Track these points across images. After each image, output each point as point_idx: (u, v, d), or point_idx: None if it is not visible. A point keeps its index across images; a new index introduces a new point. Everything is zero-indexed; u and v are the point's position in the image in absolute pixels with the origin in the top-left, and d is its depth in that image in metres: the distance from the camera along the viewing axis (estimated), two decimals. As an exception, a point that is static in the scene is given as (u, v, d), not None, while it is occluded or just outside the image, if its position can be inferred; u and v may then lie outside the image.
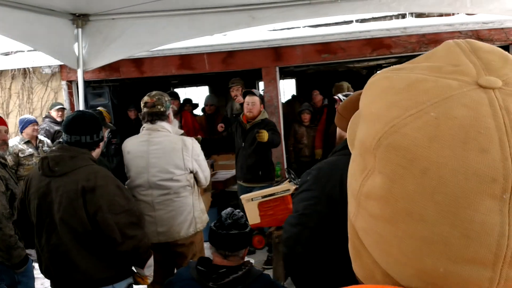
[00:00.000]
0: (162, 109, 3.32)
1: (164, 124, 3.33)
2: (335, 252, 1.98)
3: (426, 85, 0.46)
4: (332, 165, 1.97)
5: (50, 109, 6.58)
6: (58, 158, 2.54)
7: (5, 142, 3.50)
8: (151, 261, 2.74)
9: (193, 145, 3.32)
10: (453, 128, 0.42)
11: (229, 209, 2.36)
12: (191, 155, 3.28)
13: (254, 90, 5.18)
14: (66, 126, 2.66)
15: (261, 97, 5.14)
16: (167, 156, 3.24)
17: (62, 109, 6.55)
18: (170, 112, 3.43)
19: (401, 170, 0.44)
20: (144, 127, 3.37)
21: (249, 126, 5.04)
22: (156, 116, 3.31)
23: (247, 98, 5.05)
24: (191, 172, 3.33)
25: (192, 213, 3.37)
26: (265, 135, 4.72)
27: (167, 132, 3.32)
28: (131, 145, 3.37)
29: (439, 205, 0.42)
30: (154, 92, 3.40)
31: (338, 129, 2.16)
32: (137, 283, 2.86)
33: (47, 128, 6.29)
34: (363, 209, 0.50)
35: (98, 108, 5.08)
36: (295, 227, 1.96)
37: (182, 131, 3.49)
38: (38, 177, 2.59)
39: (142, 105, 3.38)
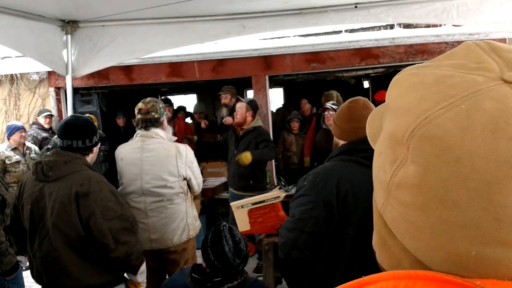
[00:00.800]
0: (156, 116, 3.31)
1: (158, 130, 3.32)
2: (331, 256, 2.00)
3: (453, 80, 0.49)
4: (328, 171, 2.00)
5: (38, 115, 6.52)
6: (52, 163, 2.53)
7: (-6, 148, 3.47)
8: (143, 267, 2.72)
9: (186, 152, 3.32)
10: (483, 119, 0.45)
11: (231, 242, 2.15)
12: (184, 162, 3.28)
13: (243, 99, 5.22)
14: (59, 130, 2.65)
15: (251, 104, 5.10)
16: (161, 163, 3.24)
17: (50, 116, 6.49)
18: (164, 119, 3.42)
19: (434, 159, 0.46)
20: (137, 133, 3.36)
21: (242, 133, 5.02)
22: (150, 122, 3.30)
23: (236, 105, 5.09)
24: (185, 179, 3.33)
25: (185, 220, 3.37)
26: (244, 159, 4.67)
27: (161, 139, 3.31)
28: (124, 152, 3.36)
29: (472, 191, 0.44)
30: (148, 99, 3.40)
31: (334, 137, 2.19)
32: None
33: (35, 134, 6.23)
34: (393, 199, 0.51)
35: (86, 115, 5.05)
36: (292, 232, 1.98)
37: (175, 138, 3.48)
38: (32, 182, 2.57)
39: (136, 111, 3.36)
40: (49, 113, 6.52)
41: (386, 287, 0.48)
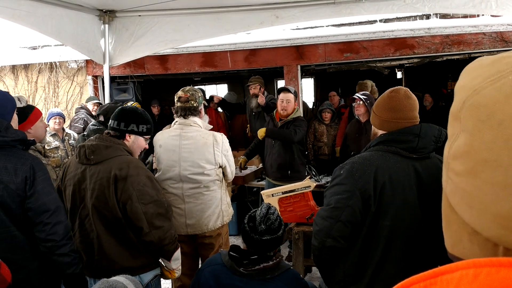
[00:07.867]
0: (195, 104, 3.38)
1: (196, 119, 3.40)
2: (366, 247, 2.00)
3: (508, 60, 0.53)
4: (366, 160, 1.99)
5: (87, 102, 6.67)
6: (94, 147, 2.64)
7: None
8: (177, 254, 2.75)
9: (223, 140, 3.39)
10: None
11: (264, 209, 2.25)
12: (221, 150, 3.36)
13: (289, 87, 5.01)
14: (119, 115, 2.82)
15: (295, 94, 4.96)
16: (199, 151, 3.31)
17: (99, 104, 6.68)
18: (202, 108, 3.49)
19: (480, 124, 0.50)
20: (176, 121, 3.44)
21: (280, 124, 4.90)
22: (189, 111, 3.37)
23: (282, 95, 4.85)
24: (220, 166, 3.40)
25: (220, 207, 3.44)
26: (259, 133, 4.83)
27: (199, 127, 3.39)
28: (163, 139, 3.44)
29: None
30: (188, 88, 3.46)
31: (372, 126, 2.17)
32: (165, 277, 2.88)
33: (85, 119, 6.37)
34: (451, 172, 0.56)
35: (130, 103, 5.22)
36: (327, 220, 1.99)
37: (211, 126, 3.54)
38: (75, 165, 2.69)
39: (175, 99, 3.44)
40: (98, 101, 6.70)
41: (466, 276, 0.45)
